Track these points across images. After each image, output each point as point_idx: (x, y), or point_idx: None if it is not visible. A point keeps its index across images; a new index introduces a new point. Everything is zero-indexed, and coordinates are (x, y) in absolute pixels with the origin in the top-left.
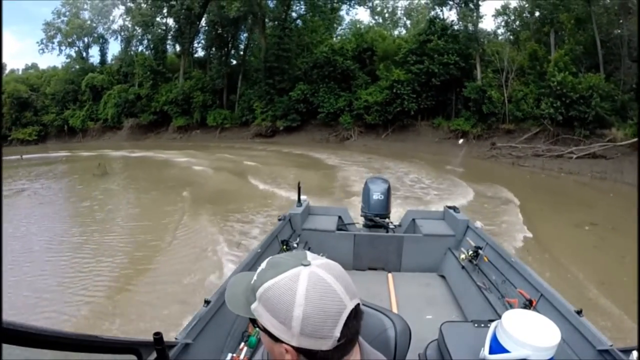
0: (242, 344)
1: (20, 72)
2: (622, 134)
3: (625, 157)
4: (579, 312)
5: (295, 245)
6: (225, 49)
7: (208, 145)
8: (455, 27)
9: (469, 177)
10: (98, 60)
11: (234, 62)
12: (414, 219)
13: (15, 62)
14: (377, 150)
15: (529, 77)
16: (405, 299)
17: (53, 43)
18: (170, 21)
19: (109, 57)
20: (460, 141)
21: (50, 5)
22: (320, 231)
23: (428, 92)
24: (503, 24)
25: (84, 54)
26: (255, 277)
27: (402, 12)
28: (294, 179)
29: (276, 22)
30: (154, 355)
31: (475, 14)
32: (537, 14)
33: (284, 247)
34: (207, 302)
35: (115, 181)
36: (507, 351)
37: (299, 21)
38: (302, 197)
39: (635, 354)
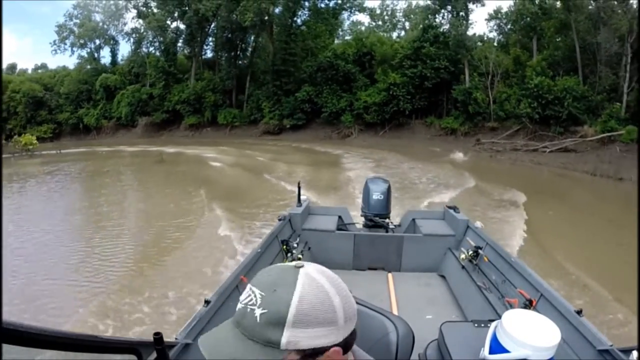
0: None
1: (30, 72)
2: (593, 131)
3: (593, 151)
4: (579, 312)
5: (295, 245)
6: (234, 52)
7: (223, 142)
8: (447, 35)
9: (453, 166)
10: (109, 61)
11: (241, 63)
12: (414, 219)
13: (23, 62)
14: (376, 146)
15: (512, 80)
16: (405, 299)
17: (65, 44)
18: (181, 25)
19: (119, 58)
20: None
21: (50, 5)
22: (320, 231)
23: (421, 93)
24: (495, 27)
25: (96, 55)
26: (260, 311)
27: (401, 14)
28: (312, 160)
29: (282, 28)
30: (154, 355)
31: (464, 23)
32: (522, 21)
33: (284, 247)
34: (207, 302)
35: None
36: (507, 351)
37: (303, 27)
38: (302, 197)
39: (635, 354)
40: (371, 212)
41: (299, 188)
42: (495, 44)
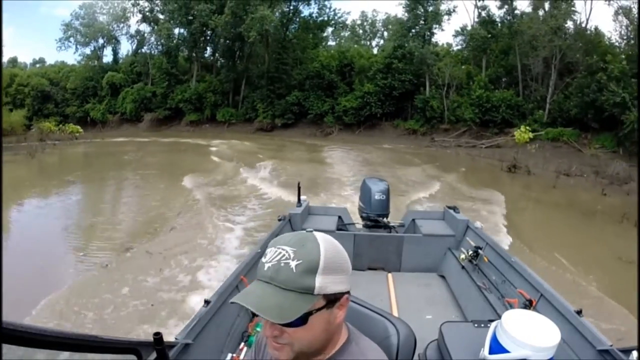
0: (242, 344)
1: (28, 67)
2: (531, 135)
3: (515, 147)
4: (579, 312)
5: None
6: (233, 59)
7: (225, 136)
8: (412, 53)
9: (412, 157)
10: (111, 60)
11: (238, 68)
12: (413, 219)
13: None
14: (352, 142)
15: (464, 91)
16: (405, 299)
17: (70, 42)
18: (184, 31)
19: (120, 57)
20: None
21: (48, 5)
22: (320, 231)
23: (390, 100)
24: (460, 42)
25: (99, 53)
26: (296, 263)
27: (381, 24)
28: (306, 148)
29: (277, 41)
30: (154, 355)
31: (426, 46)
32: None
33: None
34: (207, 302)
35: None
36: (507, 351)
37: (294, 40)
38: (302, 197)
39: (635, 354)
40: (371, 212)
41: (299, 188)
42: (459, 56)
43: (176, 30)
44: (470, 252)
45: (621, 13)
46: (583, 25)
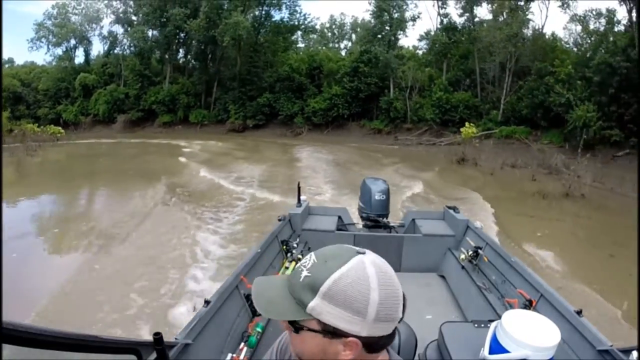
0: (242, 344)
1: None
2: (477, 131)
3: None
4: (579, 312)
5: (295, 245)
6: (205, 61)
7: (200, 137)
8: (377, 58)
9: (376, 153)
10: (82, 60)
11: (210, 70)
12: (413, 219)
13: None
14: (322, 142)
15: (426, 93)
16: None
17: (42, 42)
18: (157, 33)
19: (92, 58)
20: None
21: (15, 4)
22: (320, 231)
23: (357, 102)
24: (425, 45)
25: (71, 54)
26: (306, 274)
27: (349, 27)
28: (279, 146)
29: (248, 45)
30: (154, 355)
31: (390, 51)
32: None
33: (284, 247)
34: (207, 302)
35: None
36: (507, 351)
37: (266, 43)
38: (302, 197)
39: (635, 354)
40: (371, 213)
41: (299, 188)
42: (424, 59)
43: (150, 33)
44: (470, 252)
45: (576, 20)
46: (540, 31)
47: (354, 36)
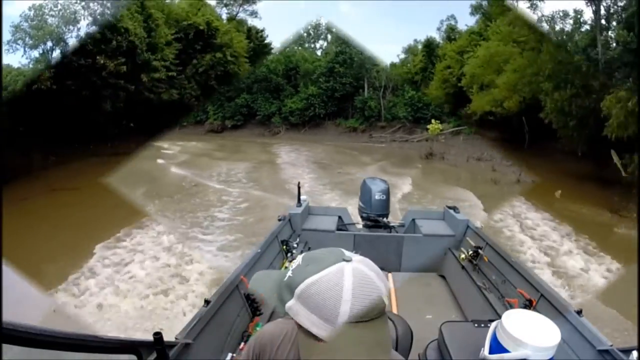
0: (242, 344)
1: None
2: (444, 127)
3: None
4: (579, 312)
5: (295, 245)
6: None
7: (181, 137)
8: (352, 59)
9: (351, 150)
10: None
11: None
12: (414, 219)
13: None
14: (299, 140)
15: (399, 92)
16: (405, 299)
17: (18, 44)
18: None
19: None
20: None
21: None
22: (320, 231)
23: (332, 101)
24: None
25: (48, 56)
26: (290, 274)
27: (324, 27)
28: (258, 145)
29: None
30: (154, 355)
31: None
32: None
33: (284, 247)
34: (207, 302)
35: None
36: (507, 351)
37: None
38: (302, 197)
39: (635, 354)
40: (371, 213)
41: (299, 188)
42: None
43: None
44: (470, 252)
45: (544, 21)
46: None
47: (329, 36)
